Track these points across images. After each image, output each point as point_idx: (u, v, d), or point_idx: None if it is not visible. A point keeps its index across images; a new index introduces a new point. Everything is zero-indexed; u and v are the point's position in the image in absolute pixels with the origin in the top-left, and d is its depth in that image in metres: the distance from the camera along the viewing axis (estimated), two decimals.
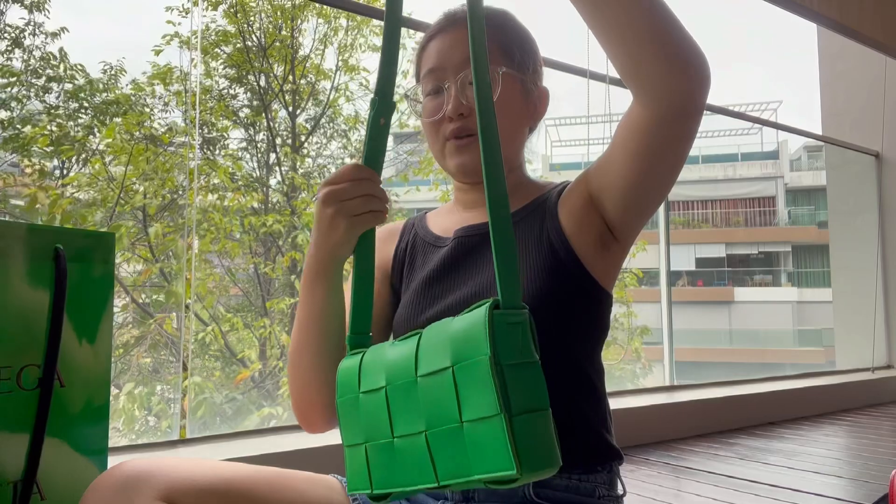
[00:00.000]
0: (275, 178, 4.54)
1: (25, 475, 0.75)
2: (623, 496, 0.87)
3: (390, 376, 0.60)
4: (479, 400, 0.53)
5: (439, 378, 0.56)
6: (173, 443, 1.78)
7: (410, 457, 0.58)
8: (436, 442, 0.56)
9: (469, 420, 0.53)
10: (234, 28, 4.37)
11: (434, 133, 0.91)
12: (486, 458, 0.52)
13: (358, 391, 0.64)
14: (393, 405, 0.60)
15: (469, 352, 0.54)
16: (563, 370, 0.82)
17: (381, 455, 0.61)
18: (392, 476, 0.60)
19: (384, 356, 0.62)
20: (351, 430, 0.65)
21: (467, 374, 0.54)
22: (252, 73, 4.45)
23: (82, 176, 3.54)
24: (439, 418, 0.56)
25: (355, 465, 0.64)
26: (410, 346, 0.60)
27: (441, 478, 0.56)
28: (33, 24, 3.51)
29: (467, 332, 0.55)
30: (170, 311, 3.52)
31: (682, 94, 0.69)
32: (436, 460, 0.56)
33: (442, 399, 0.55)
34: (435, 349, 0.57)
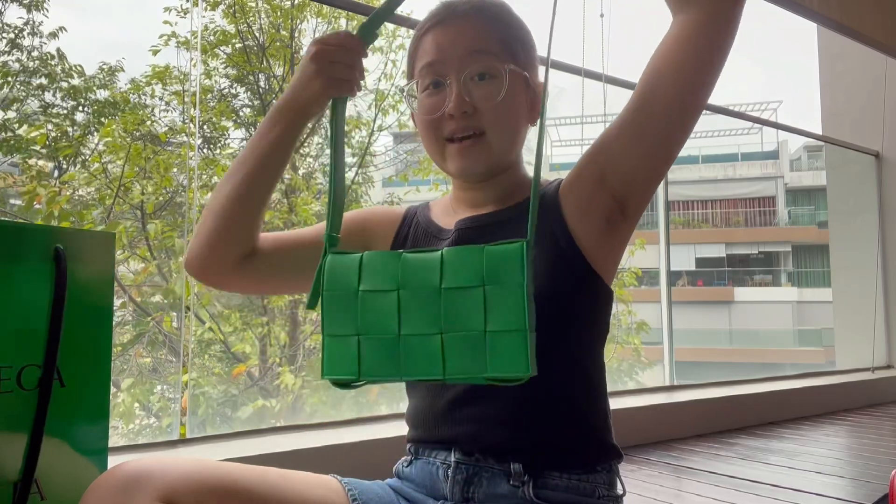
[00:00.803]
0: None
1: (23, 475, 0.75)
2: (623, 496, 0.86)
3: (406, 282, 0.69)
4: (507, 316, 0.65)
5: (468, 293, 0.67)
6: (173, 442, 1.78)
7: (418, 353, 0.67)
8: (452, 343, 0.66)
9: (494, 330, 0.65)
10: (234, 28, 4.37)
11: (433, 131, 0.87)
12: (504, 362, 0.64)
13: (356, 288, 0.71)
14: (405, 307, 0.69)
15: (503, 276, 0.66)
16: (565, 367, 0.82)
17: (380, 348, 0.69)
18: (387, 367, 0.68)
19: (395, 263, 0.71)
20: (338, 321, 0.71)
21: (498, 294, 0.66)
22: (252, 73, 4.45)
23: (80, 174, 3.53)
24: (460, 325, 0.66)
25: (340, 353, 0.71)
26: (432, 262, 0.69)
27: (448, 373, 0.66)
28: (32, 23, 3.51)
29: (504, 259, 0.66)
30: (168, 309, 3.52)
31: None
32: (447, 358, 0.66)
33: (467, 310, 0.66)
34: (464, 269, 0.68)
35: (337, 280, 0.72)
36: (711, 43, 0.77)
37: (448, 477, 0.82)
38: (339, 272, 0.73)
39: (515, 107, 0.87)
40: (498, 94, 0.84)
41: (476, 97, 0.84)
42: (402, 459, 0.91)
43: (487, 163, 0.86)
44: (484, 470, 0.81)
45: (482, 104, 0.84)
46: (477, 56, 0.84)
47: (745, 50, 58.12)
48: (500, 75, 0.84)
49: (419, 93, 0.88)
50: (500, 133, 0.86)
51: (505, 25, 0.88)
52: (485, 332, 0.65)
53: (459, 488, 0.81)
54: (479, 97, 0.84)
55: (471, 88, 0.84)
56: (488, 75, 0.85)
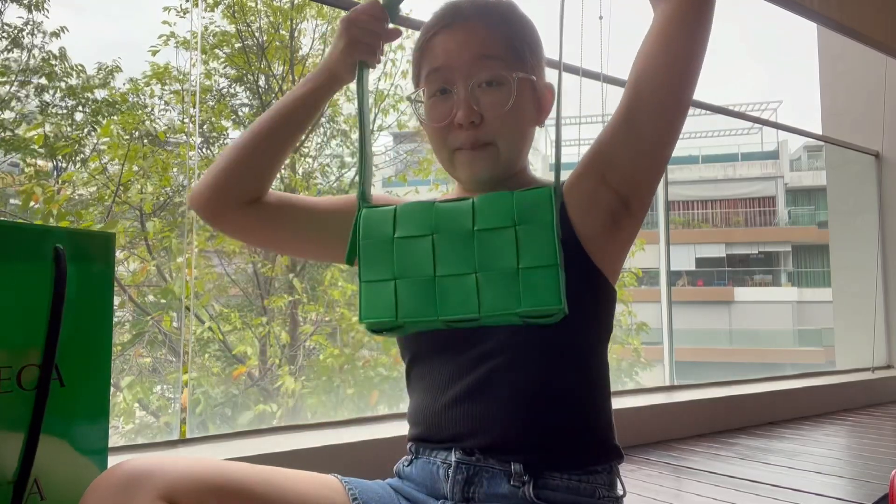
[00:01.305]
0: None
1: (20, 474, 0.75)
2: (623, 496, 0.86)
3: (439, 227, 0.73)
4: (539, 253, 0.68)
5: (500, 233, 0.70)
6: (173, 442, 1.78)
7: (453, 292, 0.70)
8: (486, 281, 0.69)
9: (526, 267, 0.68)
10: (234, 28, 4.36)
11: (441, 141, 0.86)
12: (538, 296, 0.67)
13: (391, 236, 0.74)
14: (440, 250, 0.72)
15: (533, 216, 0.70)
16: (569, 367, 0.82)
17: (416, 290, 0.71)
18: (424, 308, 0.71)
19: (428, 211, 0.74)
20: (375, 268, 0.74)
21: (530, 232, 0.69)
22: (251, 72, 4.45)
23: (79, 173, 3.53)
24: (494, 264, 0.69)
25: (378, 297, 0.72)
26: (465, 207, 0.73)
27: (484, 310, 0.69)
28: (32, 23, 3.51)
29: (534, 202, 0.71)
30: (167, 309, 3.52)
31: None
32: (482, 296, 0.69)
33: (500, 249, 0.69)
34: (495, 211, 0.71)
35: (373, 230, 0.75)
36: (688, 31, 0.79)
37: (448, 476, 0.82)
38: (374, 223, 0.75)
39: (523, 113, 0.87)
40: (506, 103, 0.83)
41: (484, 105, 0.83)
42: (403, 459, 0.91)
43: (496, 170, 0.86)
44: (484, 470, 0.81)
45: (490, 112, 0.84)
46: (485, 62, 0.84)
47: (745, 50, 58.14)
48: (507, 82, 0.84)
49: (426, 98, 0.88)
50: (509, 141, 0.86)
51: (512, 27, 0.87)
52: (517, 269, 0.68)
53: (460, 488, 0.81)
54: (487, 105, 0.84)
55: (478, 96, 0.83)
56: (496, 82, 0.84)
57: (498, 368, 0.80)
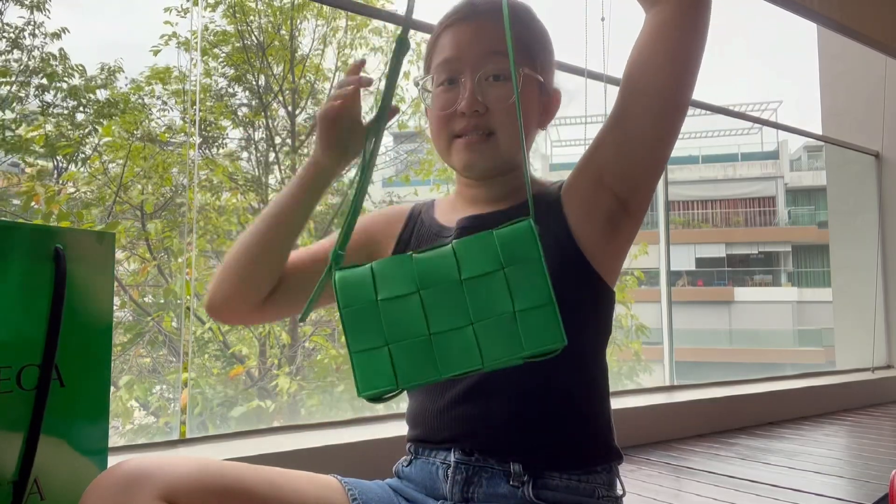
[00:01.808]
0: (274, 177, 4.54)
1: (20, 474, 0.75)
2: (622, 496, 0.86)
3: (424, 281, 0.69)
4: (533, 293, 0.66)
5: (489, 279, 0.68)
6: (173, 442, 1.78)
7: (452, 348, 0.67)
8: (484, 331, 0.67)
9: (523, 309, 0.66)
10: (234, 28, 4.37)
11: (443, 126, 0.87)
12: (539, 337, 0.66)
13: (374, 298, 0.70)
14: (430, 306, 0.68)
15: (520, 254, 0.67)
16: (569, 369, 0.82)
17: (413, 351, 0.68)
18: (424, 369, 0.68)
19: (408, 266, 0.71)
20: (364, 335, 0.70)
21: (520, 273, 0.67)
22: (251, 72, 4.45)
23: (80, 174, 3.53)
24: (488, 311, 0.67)
25: (372, 366, 0.69)
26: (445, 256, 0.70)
27: (486, 360, 0.66)
28: (33, 23, 3.51)
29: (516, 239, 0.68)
30: (167, 309, 3.52)
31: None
32: (482, 346, 0.67)
33: (493, 295, 0.67)
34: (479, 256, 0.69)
35: (352, 295, 0.71)
36: (684, 35, 0.77)
37: (448, 477, 0.82)
38: (352, 287, 0.72)
39: (527, 110, 0.87)
40: (511, 96, 0.83)
41: (489, 97, 0.84)
42: (402, 459, 0.91)
43: (493, 161, 0.86)
44: (484, 470, 0.81)
45: (494, 105, 0.84)
46: (494, 57, 0.84)
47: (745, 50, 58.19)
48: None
49: (434, 87, 0.89)
50: (509, 132, 0.86)
51: (525, 28, 0.88)
52: (514, 313, 0.66)
53: (459, 488, 0.81)
54: (492, 98, 0.84)
55: (484, 88, 0.84)
56: (503, 77, 0.85)
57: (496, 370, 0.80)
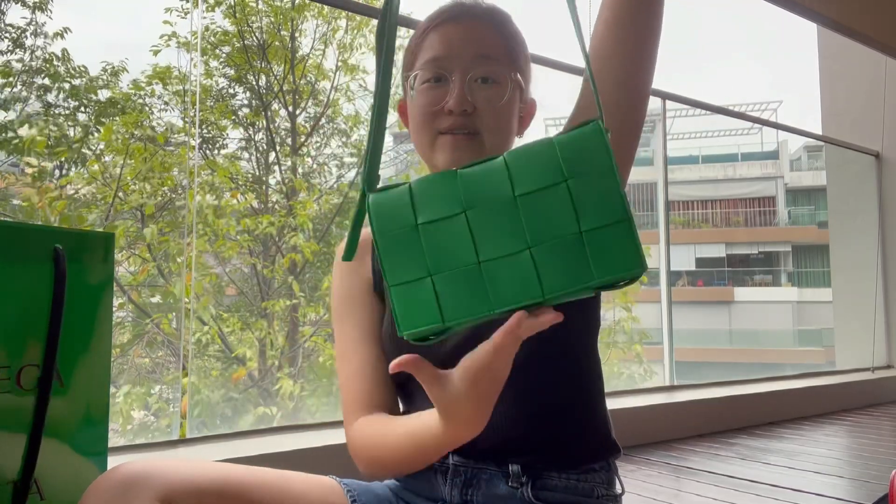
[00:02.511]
0: (274, 177, 4.55)
1: (22, 475, 0.75)
2: (622, 495, 0.86)
3: (471, 200, 0.60)
4: (603, 208, 0.56)
5: (549, 193, 0.58)
6: (173, 443, 1.78)
7: (506, 277, 0.58)
8: (544, 256, 0.57)
9: (591, 228, 0.56)
10: (234, 28, 4.37)
11: (427, 123, 0.86)
12: (613, 261, 0.56)
13: (414, 223, 0.61)
14: (478, 229, 0.59)
15: (586, 164, 0.57)
16: (560, 365, 0.82)
17: (461, 282, 0.59)
18: (474, 302, 0.58)
19: (452, 184, 0.61)
20: (403, 266, 0.61)
21: (586, 186, 0.57)
22: (252, 72, 4.45)
23: (80, 177, 3.54)
24: (549, 232, 0.57)
25: (415, 301, 0.60)
26: (496, 170, 0.60)
27: (548, 291, 0.57)
28: (35, 23, 3.51)
29: (582, 147, 0.58)
30: (166, 310, 3.52)
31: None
32: (542, 274, 0.57)
33: (554, 213, 0.57)
34: (536, 168, 0.59)
35: (388, 220, 0.62)
36: (641, 22, 0.77)
37: (446, 480, 0.82)
38: (388, 210, 0.62)
39: (511, 115, 0.87)
40: (499, 99, 0.84)
41: (477, 98, 0.84)
42: None
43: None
44: (482, 472, 0.81)
45: (482, 106, 0.84)
46: (484, 60, 0.84)
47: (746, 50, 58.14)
48: (503, 82, 0.85)
49: (418, 84, 0.87)
50: (494, 136, 0.86)
51: (512, 36, 0.88)
52: (580, 233, 0.57)
53: (458, 491, 0.81)
54: (481, 99, 0.84)
55: (473, 89, 0.84)
56: (492, 80, 0.85)
57: None
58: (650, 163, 4.12)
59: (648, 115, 0.80)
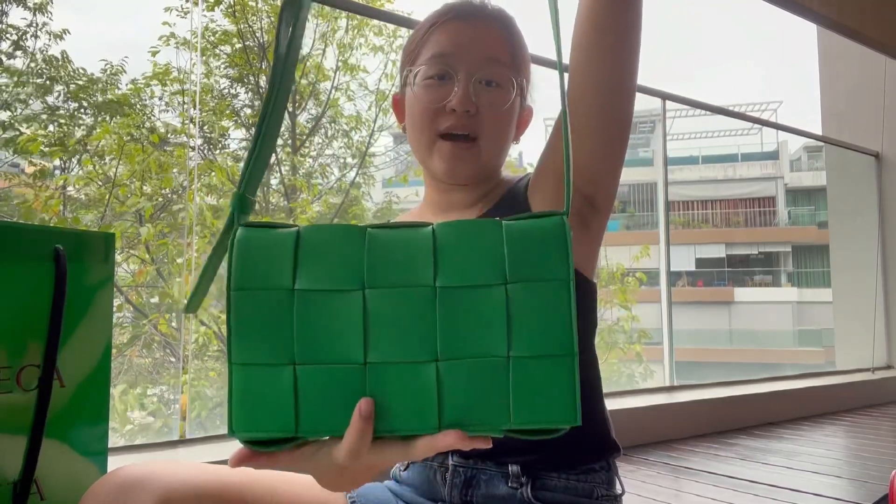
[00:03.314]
0: (275, 178, 4.55)
1: (23, 475, 0.75)
2: (622, 495, 0.86)
3: (375, 275, 0.45)
4: (545, 332, 0.44)
5: (480, 295, 0.44)
6: (173, 443, 1.78)
7: (398, 391, 0.44)
8: (454, 377, 0.44)
9: (523, 356, 0.44)
10: (235, 28, 4.37)
11: (428, 121, 0.84)
12: (540, 405, 0.44)
13: (290, 285, 0.45)
14: (375, 318, 0.44)
15: (537, 269, 0.44)
16: None
17: (333, 384, 0.44)
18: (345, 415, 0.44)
19: (356, 245, 0.46)
20: (260, 342, 0.45)
21: (531, 297, 0.44)
22: (252, 73, 4.45)
23: (80, 180, 3.54)
24: (469, 347, 0.44)
25: (263, 393, 0.44)
26: (419, 243, 0.45)
27: (445, 422, 0.44)
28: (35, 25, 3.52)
29: (537, 244, 0.45)
30: (166, 311, 3.52)
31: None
32: (444, 400, 0.44)
33: (480, 323, 0.44)
34: (472, 256, 0.45)
35: (255, 271, 0.45)
36: (619, 20, 0.75)
37: (446, 480, 0.82)
38: (258, 258, 0.46)
39: (511, 120, 0.87)
40: (503, 103, 0.84)
41: (481, 101, 0.83)
42: (399, 463, 0.91)
43: (474, 168, 0.86)
44: (482, 472, 0.81)
45: (485, 109, 0.84)
46: (491, 63, 0.84)
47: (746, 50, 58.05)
48: (507, 86, 0.85)
49: (420, 79, 0.85)
50: (493, 141, 0.85)
51: (518, 41, 0.88)
52: (507, 358, 0.44)
53: (458, 491, 0.81)
54: (484, 102, 0.84)
55: (477, 91, 0.83)
56: (496, 84, 0.84)
57: None
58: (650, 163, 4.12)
59: (648, 115, 0.80)
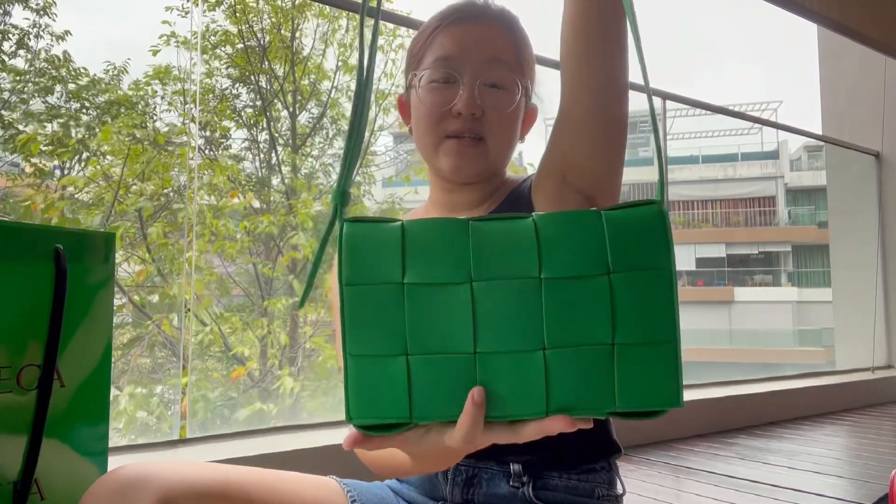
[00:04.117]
0: (276, 178, 4.55)
1: (23, 475, 0.75)
2: (622, 495, 0.86)
3: (482, 268, 0.47)
4: (648, 320, 0.45)
5: (584, 285, 0.46)
6: (173, 443, 1.78)
7: (506, 378, 0.46)
8: (561, 363, 0.46)
9: (627, 343, 0.45)
10: (236, 29, 4.37)
11: (433, 124, 0.85)
12: (644, 389, 0.45)
13: (400, 279, 0.47)
14: (483, 309, 0.46)
15: (639, 258, 0.46)
16: None
17: (444, 373, 0.47)
18: (457, 402, 0.46)
19: (461, 239, 0.47)
20: (372, 334, 0.47)
21: (634, 285, 0.46)
22: (253, 73, 4.45)
23: (80, 180, 3.54)
24: (574, 336, 0.46)
25: (379, 382, 0.47)
26: (523, 235, 0.47)
27: (554, 407, 0.46)
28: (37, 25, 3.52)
29: (638, 233, 0.46)
30: (167, 311, 3.52)
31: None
32: (552, 386, 0.46)
33: (585, 312, 0.46)
34: (574, 246, 0.47)
35: (365, 264, 0.47)
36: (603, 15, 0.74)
37: (448, 479, 0.82)
38: (367, 251, 0.48)
39: (517, 121, 0.87)
40: (508, 105, 0.84)
41: (486, 103, 0.83)
42: None
43: (480, 167, 0.86)
44: (483, 471, 0.81)
45: (490, 111, 0.84)
46: (497, 65, 0.84)
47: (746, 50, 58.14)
48: (512, 88, 0.84)
49: (425, 83, 0.86)
50: (499, 142, 0.86)
51: (522, 41, 0.88)
52: (612, 345, 0.45)
53: (459, 490, 0.81)
54: (489, 104, 0.84)
55: (483, 93, 0.83)
56: (501, 85, 0.84)
57: None
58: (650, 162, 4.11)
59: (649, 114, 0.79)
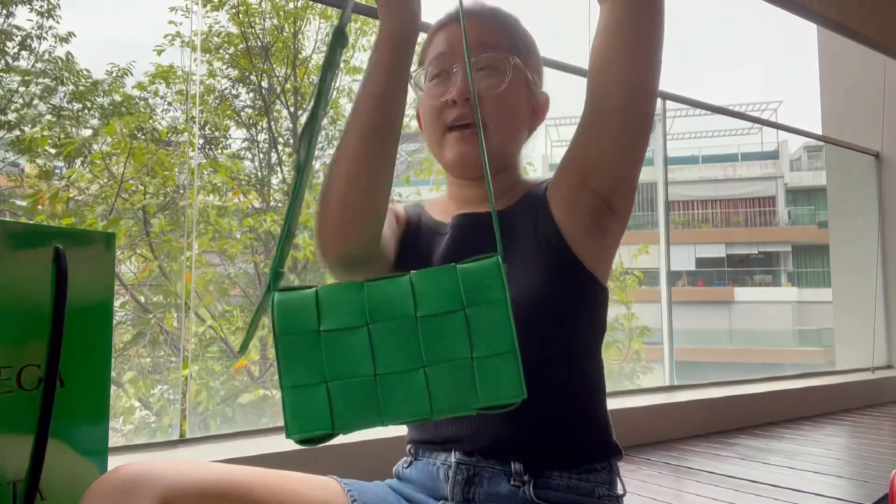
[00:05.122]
0: (276, 177, 4.55)
1: (29, 476, 0.75)
2: (623, 496, 0.87)
3: (375, 314, 0.64)
4: (494, 338, 0.61)
5: (448, 318, 0.63)
6: (173, 442, 1.78)
7: (399, 392, 0.62)
8: (436, 376, 0.62)
9: (482, 356, 0.61)
10: (237, 30, 4.37)
11: (436, 119, 0.88)
12: (496, 388, 0.61)
13: (316, 329, 0.64)
14: (378, 343, 0.63)
15: (484, 294, 0.62)
16: (563, 367, 0.82)
17: (354, 392, 0.63)
18: (365, 413, 0.63)
19: (358, 295, 0.65)
20: (301, 370, 0.64)
21: (482, 315, 0.62)
22: (254, 73, 4.45)
23: (83, 177, 3.54)
24: (443, 355, 0.62)
25: (307, 405, 0.64)
26: (401, 289, 0.64)
27: (436, 409, 0.61)
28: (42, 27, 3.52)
29: (481, 279, 0.63)
30: (168, 309, 3.52)
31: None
32: (433, 393, 0.61)
33: (450, 338, 0.62)
34: (439, 292, 0.63)
35: (291, 322, 0.64)
36: (640, 23, 0.77)
37: (448, 478, 0.82)
38: (292, 312, 0.65)
39: (515, 101, 0.88)
40: (499, 85, 0.86)
41: (479, 87, 0.85)
42: (402, 460, 0.91)
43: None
44: (484, 470, 0.81)
45: (484, 93, 0.86)
46: (483, 48, 0.86)
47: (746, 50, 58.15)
48: (503, 69, 0.86)
49: (426, 83, 0.90)
50: (500, 124, 0.87)
51: (512, 27, 0.90)
52: (472, 359, 0.61)
53: (460, 489, 0.81)
54: (482, 87, 0.86)
55: (476, 79, 0.85)
56: (492, 68, 0.86)
57: None
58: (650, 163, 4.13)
59: None
